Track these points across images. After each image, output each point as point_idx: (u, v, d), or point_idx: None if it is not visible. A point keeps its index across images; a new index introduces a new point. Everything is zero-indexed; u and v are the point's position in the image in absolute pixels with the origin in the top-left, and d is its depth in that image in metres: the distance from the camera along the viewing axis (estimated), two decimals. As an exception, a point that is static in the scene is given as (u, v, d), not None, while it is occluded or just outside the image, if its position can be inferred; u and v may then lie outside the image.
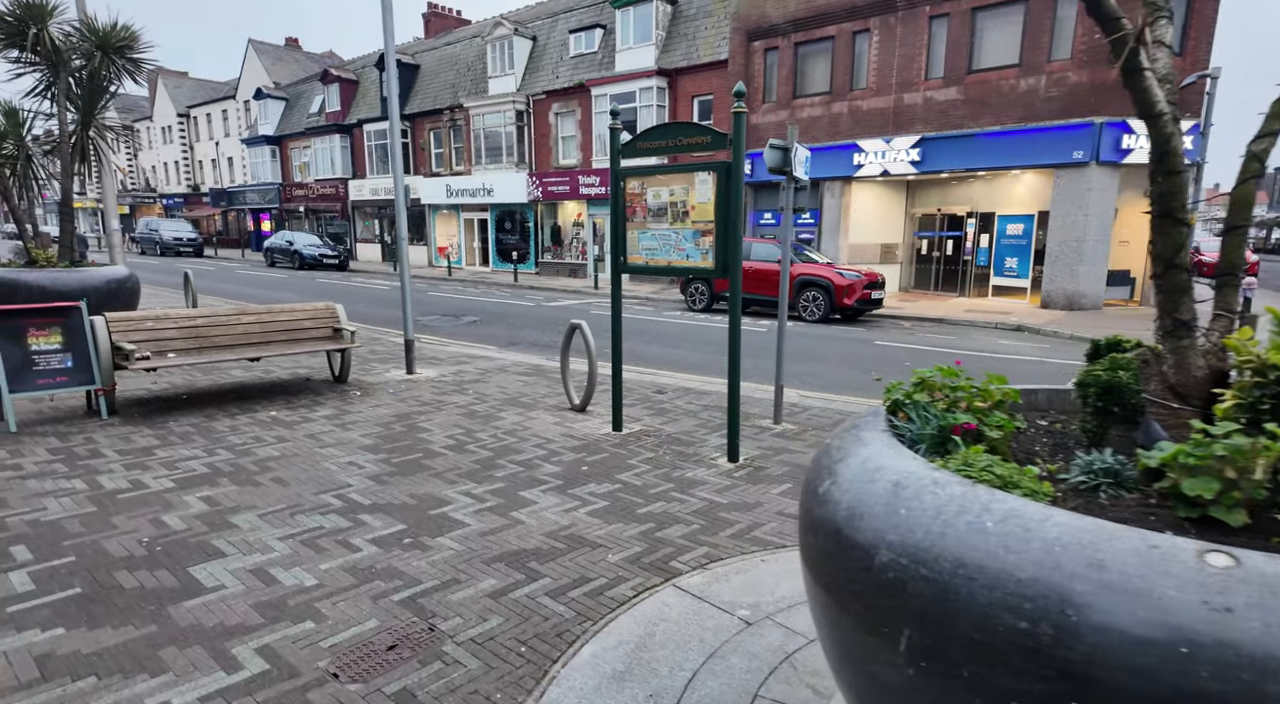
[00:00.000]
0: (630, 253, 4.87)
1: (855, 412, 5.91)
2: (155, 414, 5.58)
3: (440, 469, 4.37)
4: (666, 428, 5.38)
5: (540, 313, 13.70)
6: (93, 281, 8.20)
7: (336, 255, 25.10)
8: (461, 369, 7.71)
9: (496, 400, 6.23)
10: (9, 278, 7.77)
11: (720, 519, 3.62)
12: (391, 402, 6.13)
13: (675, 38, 19.72)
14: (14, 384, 5.05)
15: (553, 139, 23.12)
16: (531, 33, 24.00)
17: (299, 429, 5.22)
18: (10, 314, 5.10)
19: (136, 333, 5.59)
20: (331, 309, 6.75)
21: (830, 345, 10.00)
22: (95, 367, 5.36)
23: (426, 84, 27.90)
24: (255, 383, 6.82)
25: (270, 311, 6.39)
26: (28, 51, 8.23)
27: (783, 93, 16.79)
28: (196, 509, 3.68)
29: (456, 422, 5.49)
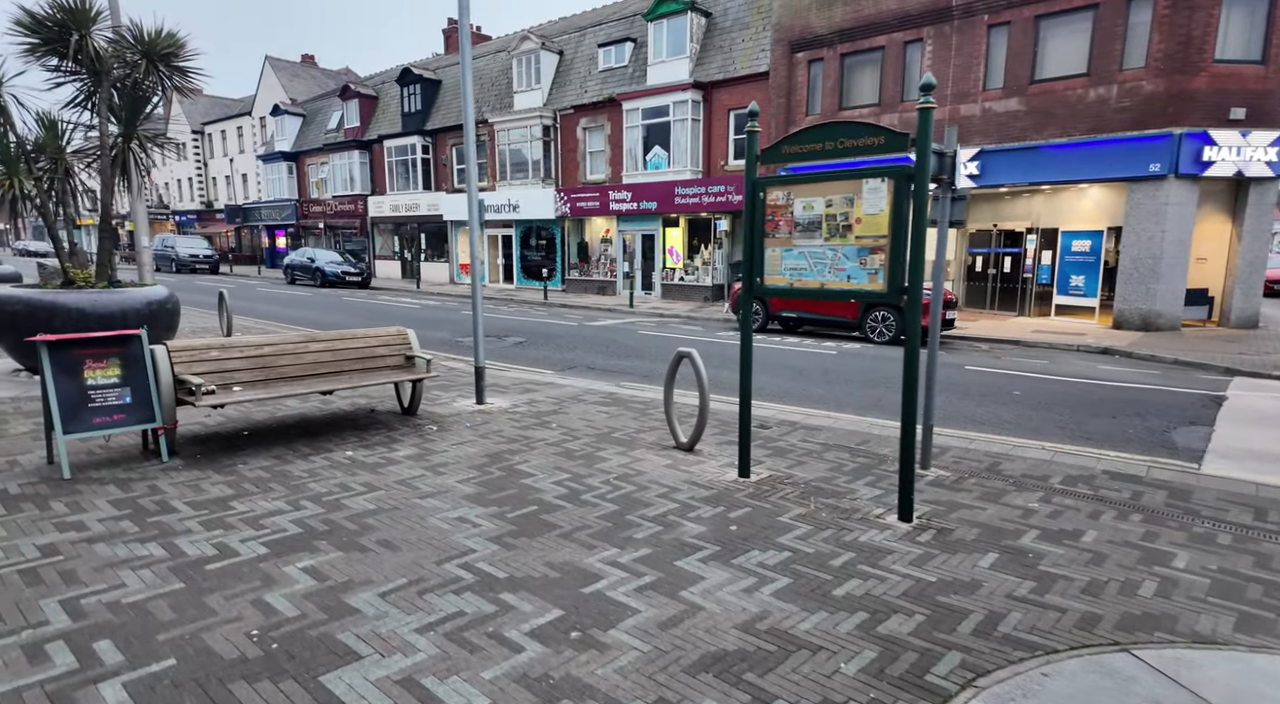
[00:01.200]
0: (769, 273, 4.28)
1: (1009, 455, 5.28)
2: (218, 455, 4.98)
3: (566, 527, 3.74)
4: (797, 473, 4.75)
5: (585, 333, 13.11)
6: (133, 303, 7.65)
7: (359, 273, 24.63)
8: (532, 398, 7.11)
9: (588, 436, 5.61)
10: (46, 300, 7.22)
11: (944, 607, 2.97)
12: (474, 438, 5.52)
13: (710, 50, 19.33)
14: (69, 424, 4.46)
15: (580, 154, 22.70)
16: (558, 47, 23.69)
17: (385, 474, 4.61)
18: (66, 345, 4.52)
19: (200, 364, 5.01)
20: (404, 335, 6.17)
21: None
22: (155, 402, 4.77)
23: (449, 99, 27.61)
24: (317, 415, 6.22)
25: (341, 338, 5.81)
26: (68, 60, 7.75)
27: (828, 105, 16.31)
28: (304, 586, 3.06)
29: (557, 463, 4.88)
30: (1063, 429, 6.27)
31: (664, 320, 15.70)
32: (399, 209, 29.12)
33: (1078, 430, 6.25)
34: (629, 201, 20.46)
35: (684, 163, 19.43)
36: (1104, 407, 7.21)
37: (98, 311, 7.43)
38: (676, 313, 16.68)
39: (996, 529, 3.81)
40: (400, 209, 29.07)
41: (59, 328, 7.33)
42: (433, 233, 28.82)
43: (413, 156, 28.15)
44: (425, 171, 28.07)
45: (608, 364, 9.72)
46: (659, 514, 3.95)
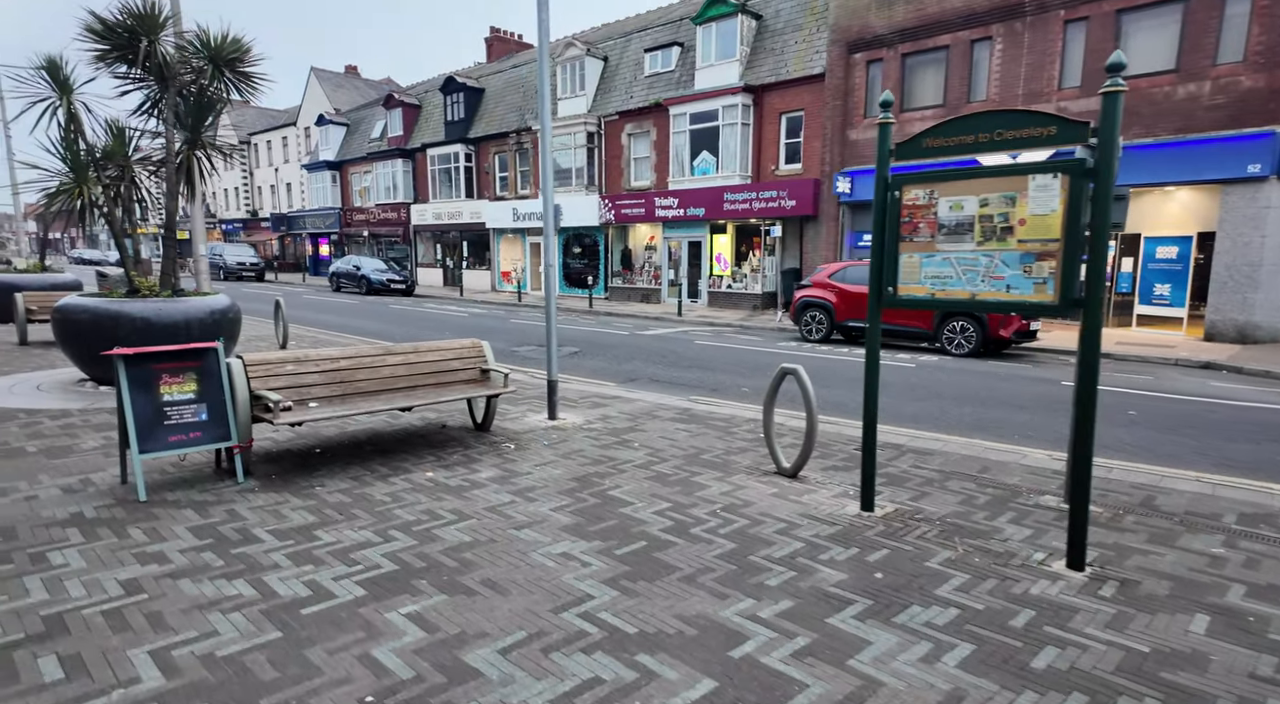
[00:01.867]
0: (904, 282, 3.81)
1: (1160, 487, 4.71)
2: (294, 475, 4.69)
3: (686, 569, 3.32)
4: (925, 507, 4.26)
5: (639, 343, 12.73)
6: (196, 313, 7.50)
7: (404, 280, 24.72)
8: (604, 413, 6.73)
9: (677, 458, 5.19)
10: (112, 309, 7.10)
11: (1179, 690, 2.46)
12: (555, 458, 5.16)
13: (761, 53, 18.89)
14: (145, 442, 4.21)
15: (624, 160, 22.44)
16: (603, 53, 23.51)
17: (472, 499, 4.26)
18: (142, 359, 4.28)
19: (277, 378, 4.74)
20: (479, 347, 5.85)
21: (1007, 387, 8.74)
22: (231, 420, 4.50)
23: (492, 107, 27.66)
24: (388, 431, 5.93)
25: (417, 351, 5.50)
26: (136, 67, 7.67)
27: (887, 107, 15.72)
28: (412, 637, 2.70)
29: (652, 489, 4.47)
30: (1203, 455, 5.65)
31: (717, 330, 15.25)
32: (441, 217, 29.24)
33: (1218, 457, 5.63)
34: (675, 208, 20.09)
35: (733, 168, 18.99)
36: (1236, 430, 6.55)
37: (162, 321, 7.29)
38: (727, 322, 16.21)
39: (1189, 582, 3.28)
40: (443, 217, 29.19)
41: (124, 338, 7.21)
42: (475, 240, 28.86)
43: (455, 165, 28.24)
44: (468, 179, 28.14)
45: (671, 376, 9.31)
46: (786, 555, 3.51)
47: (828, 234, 17.12)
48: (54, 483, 4.42)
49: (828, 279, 12.20)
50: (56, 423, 5.93)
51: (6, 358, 9.21)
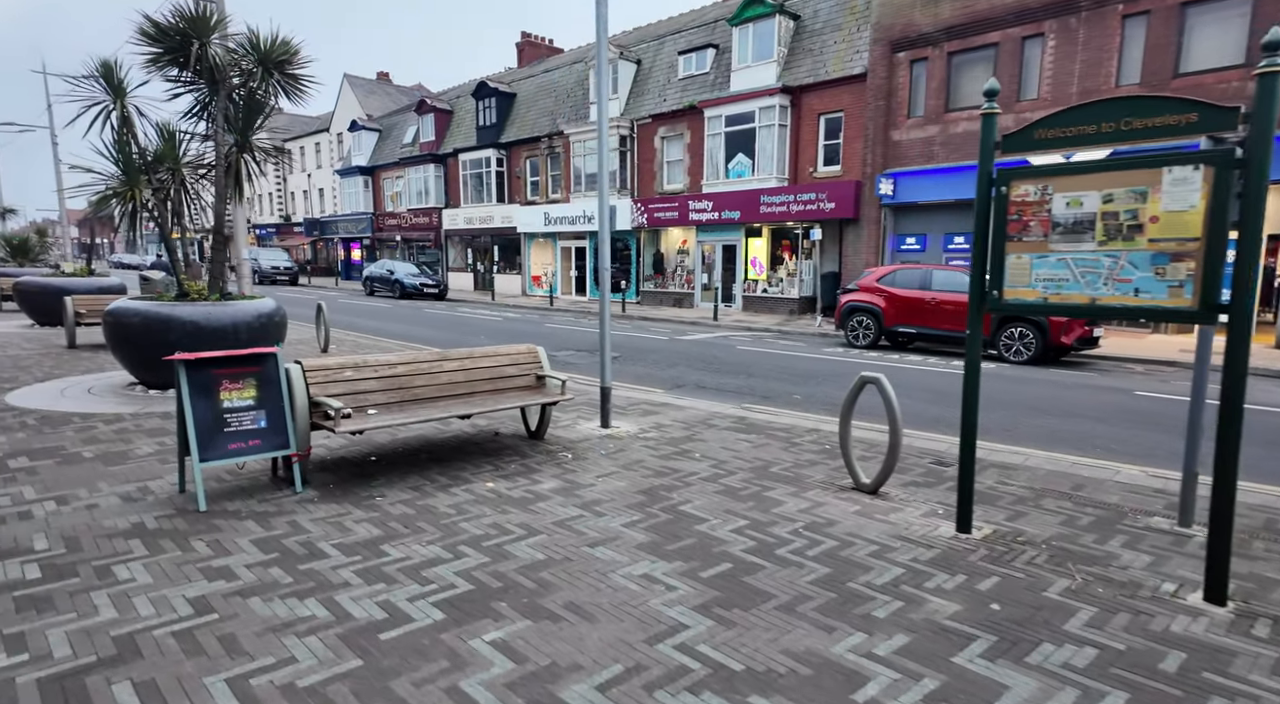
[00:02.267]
0: (1013, 285, 3.52)
1: (1270, 506, 4.33)
2: (352, 484, 4.54)
3: (781, 596, 3.07)
4: (1024, 528, 3.95)
5: (680, 348, 12.49)
6: (244, 317, 7.45)
7: (436, 285, 24.81)
8: (657, 421, 6.50)
9: (744, 471, 4.94)
10: (163, 313, 7.08)
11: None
12: (616, 469, 4.94)
13: (799, 54, 18.58)
14: (205, 450, 4.09)
15: (657, 164, 22.26)
16: (636, 56, 23.39)
17: (539, 513, 4.06)
18: (202, 364, 4.16)
19: (335, 385, 4.59)
20: (534, 353, 5.66)
21: (1077, 396, 8.30)
22: (290, 427, 4.36)
23: (523, 112, 27.71)
24: (441, 439, 5.77)
25: (472, 357, 5.33)
26: (188, 69, 7.67)
27: (932, 107, 15.33)
28: (501, 669, 2.49)
29: (725, 505, 4.23)
30: (1310, 474, 5.24)
31: (755, 335, 14.94)
32: (472, 221, 29.35)
33: (1329, 475, 5.21)
34: (710, 211, 19.83)
35: (769, 170, 18.69)
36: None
37: (211, 325, 7.25)
38: (764, 326, 15.89)
39: (1351, 620, 2.94)
40: (474, 221, 29.30)
41: (174, 342, 7.18)
42: (505, 245, 28.91)
43: (487, 169, 28.34)
44: (499, 184, 28.21)
45: (718, 383, 9.05)
46: (887, 582, 3.24)
47: (869, 237, 16.73)
48: (113, 490, 4.32)
49: (876, 283, 11.84)
50: (110, 428, 5.88)
51: (57, 361, 9.30)
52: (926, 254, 15.93)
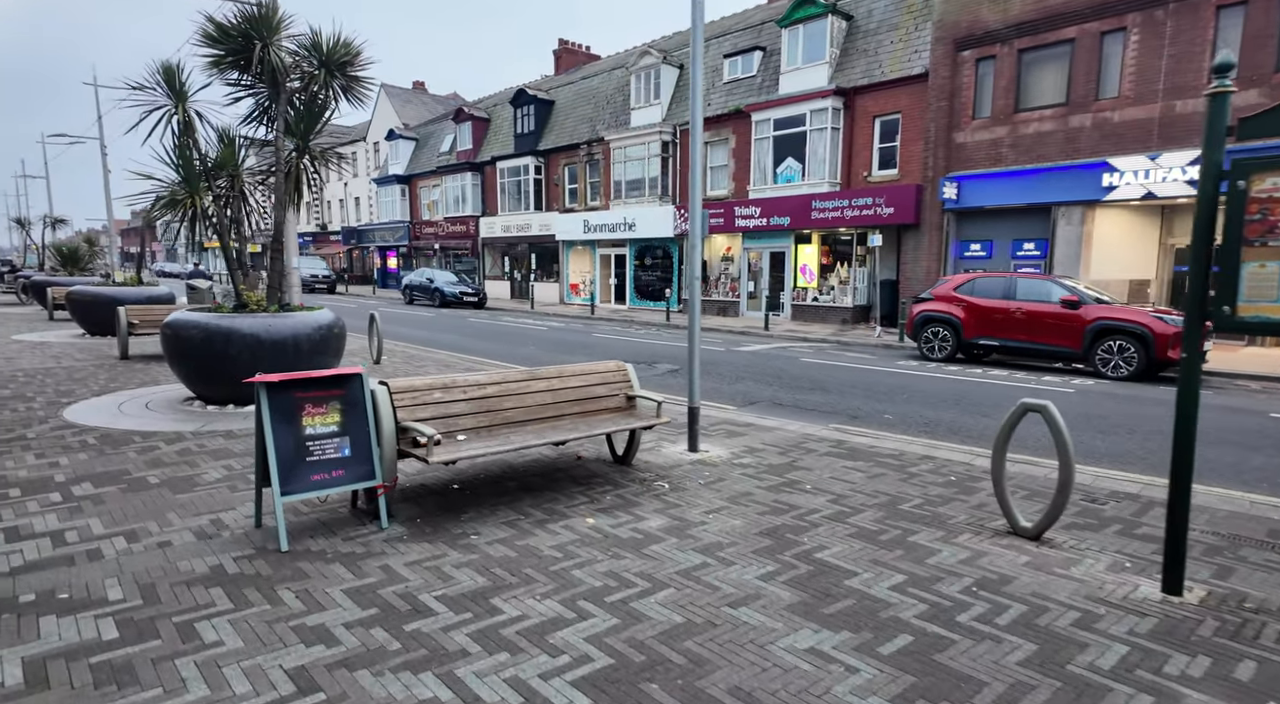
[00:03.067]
0: (1252, 299, 2.93)
1: None
2: (440, 518, 4.10)
3: (996, 686, 2.52)
4: (1243, 588, 3.34)
5: (740, 361, 11.94)
6: (304, 329, 7.12)
7: (475, 293, 24.63)
8: (747, 444, 5.98)
9: (871, 508, 4.39)
10: (224, 325, 6.77)
11: None
12: (722, 503, 4.43)
13: (852, 54, 17.99)
14: (287, 482, 3.67)
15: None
16: (679, 61, 22.99)
17: (655, 558, 3.56)
18: (284, 386, 3.75)
19: (424, 407, 4.17)
20: (623, 371, 5.19)
21: (1202, 418, 7.57)
22: (376, 456, 3.94)
23: (561, 119, 27.50)
24: (523, 463, 5.31)
25: (561, 375, 4.88)
26: (249, 73, 7.41)
27: (1000, 107, 14.61)
28: (686, 786, 1.98)
29: (868, 553, 3.68)
30: None
31: (814, 346, 14.31)
32: (510, 229, 29.18)
33: None
34: (757, 217, 19.27)
35: (821, 175, 18.08)
36: None
37: (272, 338, 6.93)
38: (820, 337, 15.25)
39: None
40: (511, 229, 29.13)
41: (235, 355, 6.87)
42: (543, 253, 28.67)
43: (525, 177, 28.16)
44: (537, 192, 28.01)
45: (794, 399, 8.49)
46: (1117, 666, 2.66)
47: (930, 243, 16.01)
48: (184, 524, 3.94)
49: (953, 292, 11.17)
50: (173, 448, 5.54)
51: (111, 373, 9.10)
52: (992, 262, 15.15)
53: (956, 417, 7.56)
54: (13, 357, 10.32)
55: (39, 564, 3.39)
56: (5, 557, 3.48)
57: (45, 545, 3.62)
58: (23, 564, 3.39)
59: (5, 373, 8.82)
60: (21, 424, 6.23)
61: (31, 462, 5.10)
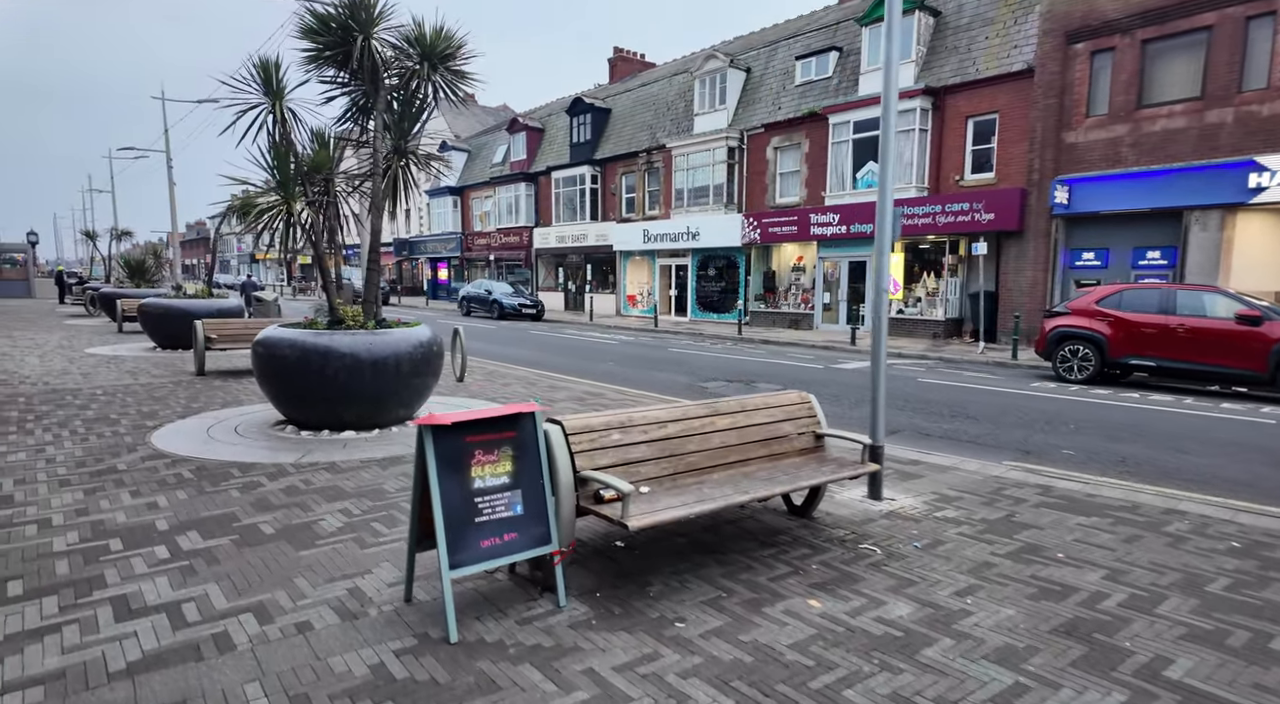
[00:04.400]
0: None
1: None
2: (622, 591, 3.28)
3: None
4: None
5: (846, 380, 10.95)
6: (404, 347, 6.45)
7: (534, 305, 24.09)
8: (935, 491, 5.03)
9: (1170, 590, 3.42)
10: (320, 343, 6.13)
11: None
12: (965, 578, 3.52)
13: (940, 52, 16.92)
14: (456, 550, 2.90)
15: (769, 176, 20.87)
16: (745, 64, 22.19)
17: (939, 669, 2.67)
18: (452, 430, 2.98)
19: (603, 453, 3.36)
20: (807, 403, 4.32)
21: None
22: (551, 515, 3.14)
23: (619, 127, 26.94)
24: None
25: (744, 410, 4.03)
26: (347, 69, 6.82)
27: (1119, 103, 13.37)
28: None
29: (1234, 672, 2.72)
30: None
31: (920, 362, 13.19)
32: (565, 239, 28.68)
33: None
34: (835, 225, 18.25)
35: (907, 179, 17.00)
36: None
37: (373, 357, 6.26)
38: (917, 352, 14.13)
39: None
40: (566, 239, 28.62)
41: (331, 376, 6.22)
42: (599, 263, 28.07)
43: (581, 186, 27.66)
44: (593, 201, 27.46)
45: (939, 428, 7.48)
46: None
47: (1036, 252, 14.77)
48: (319, 595, 3.20)
49: (1094, 305, 10.00)
50: (277, 485, 4.87)
51: (191, 391, 8.61)
52: (1109, 272, 13.85)
53: (1151, 453, 6.47)
54: (89, 372, 9.97)
55: (161, 657, 2.67)
56: (119, 643, 2.77)
57: (162, 626, 2.91)
58: (141, 658, 2.67)
59: (85, 391, 8.40)
60: (110, 452, 5.66)
61: (128, 502, 4.46)
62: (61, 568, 3.47)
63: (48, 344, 13.59)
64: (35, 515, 4.20)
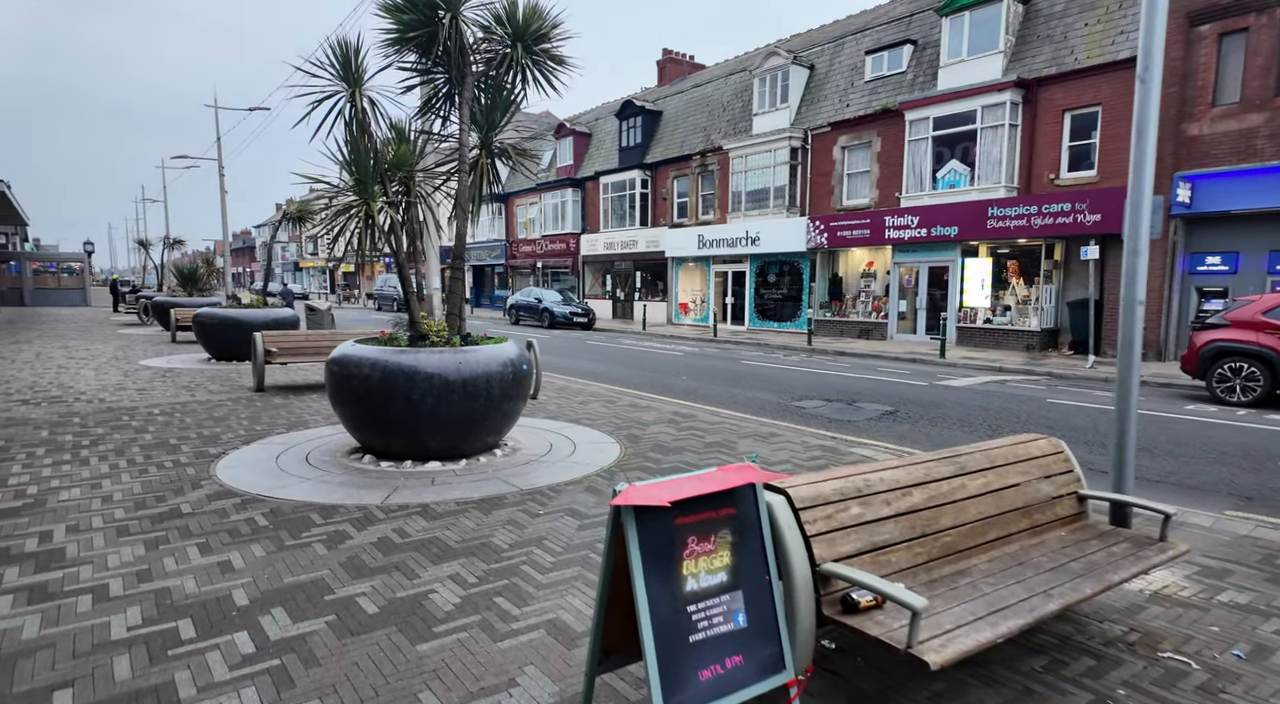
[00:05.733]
0: None
1: None
2: (881, 735, 2.31)
3: None
4: None
5: (961, 399, 9.81)
6: (494, 366, 5.63)
7: (585, 314, 23.34)
8: (1185, 559, 3.93)
9: None
10: (405, 363, 5.34)
11: None
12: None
13: (1032, 42, 15.66)
14: (673, 692, 1.98)
15: (835, 177, 19.75)
16: (809, 61, 21.15)
17: None
18: (662, 512, 2.07)
19: (845, 535, 2.43)
20: (1061, 453, 3.33)
21: None
22: (784, 631, 2.20)
23: (670, 131, 26.10)
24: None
25: (992, 465, 3.05)
26: (431, 53, 6.05)
27: (1254, 90, 11.99)
28: None
29: None
30: None
31: (1027, 378, 11.94)
32: (613, 246, 27.91)
33: None
34: (914, 228, 17.04)
35: (995, 178, 15.74)
36: None
37: (463, 378, 5.45)
38: (1015, 366, 12.86)
39: None
40: (614, 246, 27.85)
41: (418, 400, 5.40)
42: (649, 270, 27.22)
43: (630, 191, 26.88)
44: (643, 206, 26.65)
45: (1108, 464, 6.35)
46: None
47: (1151, 256, 13.38)
48: (462, 730, 2.32)
49: (1262, 317, 8.72)
50: (367, 536, 4.04)
51: (251, 410, 7.94)
52: (1239, 278, 12.43)
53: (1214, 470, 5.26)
54: (145, 387, 9.42)
55: None
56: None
57: (257, 789, 2.05)
58: None
59: (142, 410, 7.79)
60: (173, 488, 4.93)
61: (197, 560, 3.68)
62: (121, 669, 2.66)
63: (102, 355, 13.24)
64: (90, 580, 3.44)
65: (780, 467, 5.74)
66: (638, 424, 7.42)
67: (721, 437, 6.81)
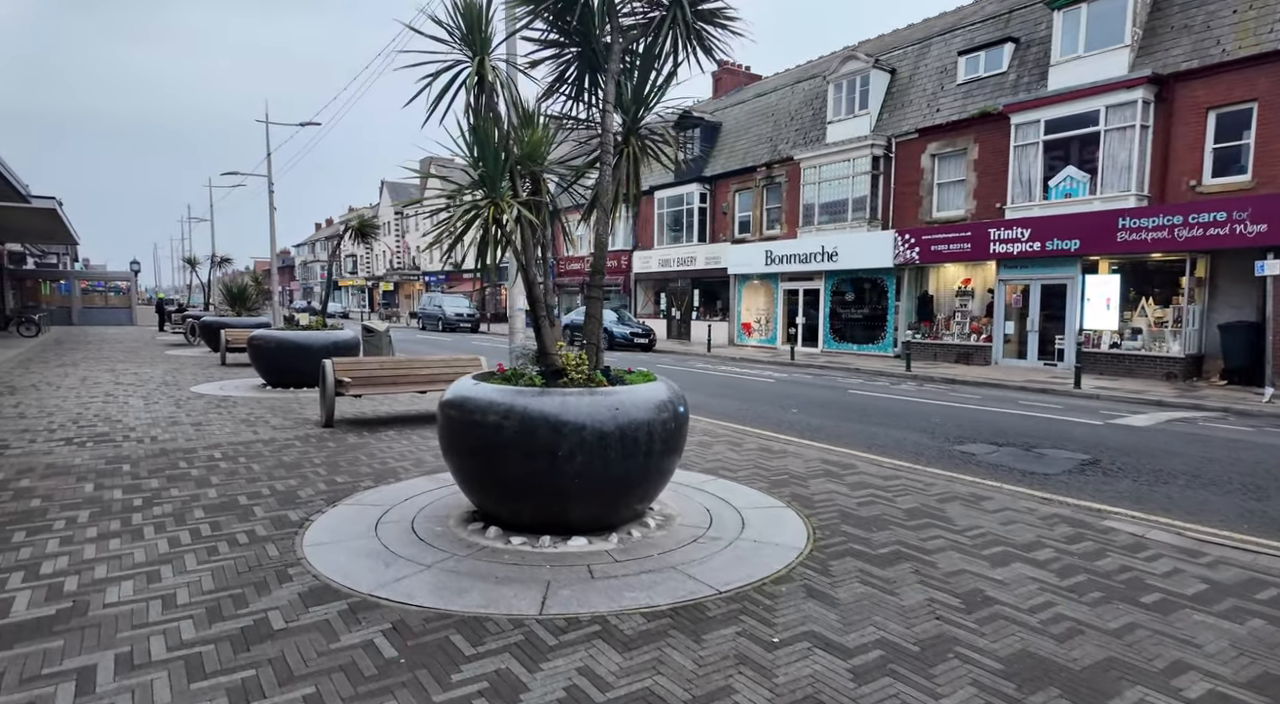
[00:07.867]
0: None
1: None
2: None
3: None
4: None
5: (1169, 446, 8.17)
6: (651, 411, 4.27)
7: (646, 334, 22.06)
8: None
9: None
10: (548, 410, 4.02)
11: None
12: None
13: (1164, 33, 14.06)
14: None
15: (924, 187, 18.23)
16: (890, 64, 19.77)
17: None
18: None
19: None
20: None
21: None
22: None
23: (730, 143, 24.90)
24: None
25: None
26: (569, 17, 4.82)
27: None
28: None
29: None
30: None
31: (1199, 415, 10.20)
32: (669, 263, 26.66)
33: None
34: (1024, 241, 15.40)
35: (1123, 185, 14.08)
36: None
37: (619, 428, 4.08)
38: (1164, 399, 11.11)
39: None
40: (670, 263, 26.60)
41: (563, 460, 4.03)
42: (708, 288, 25.87)
43: (688, 206, 25.67)
44: (701, 221, 25.40)
45: None
46: None
47: (1334, 271, 11.58)
48: None
49: None
50: (543, 682, 2.67)
51: (326, 453, 6.69)
52: None
53: None
54: (200, 421, 8.29)
55: None
56: None
57: None
58: None
59: (201, 454, 6.60)
60: (253, 580, 3.63)
61: (310, 747, 2.34)
62: None
63: (151, 380, 12.28)
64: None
65: (1041, 551, 4.23)
66: (791, 477, 5.99)
67: (915, 500, 5.33)
